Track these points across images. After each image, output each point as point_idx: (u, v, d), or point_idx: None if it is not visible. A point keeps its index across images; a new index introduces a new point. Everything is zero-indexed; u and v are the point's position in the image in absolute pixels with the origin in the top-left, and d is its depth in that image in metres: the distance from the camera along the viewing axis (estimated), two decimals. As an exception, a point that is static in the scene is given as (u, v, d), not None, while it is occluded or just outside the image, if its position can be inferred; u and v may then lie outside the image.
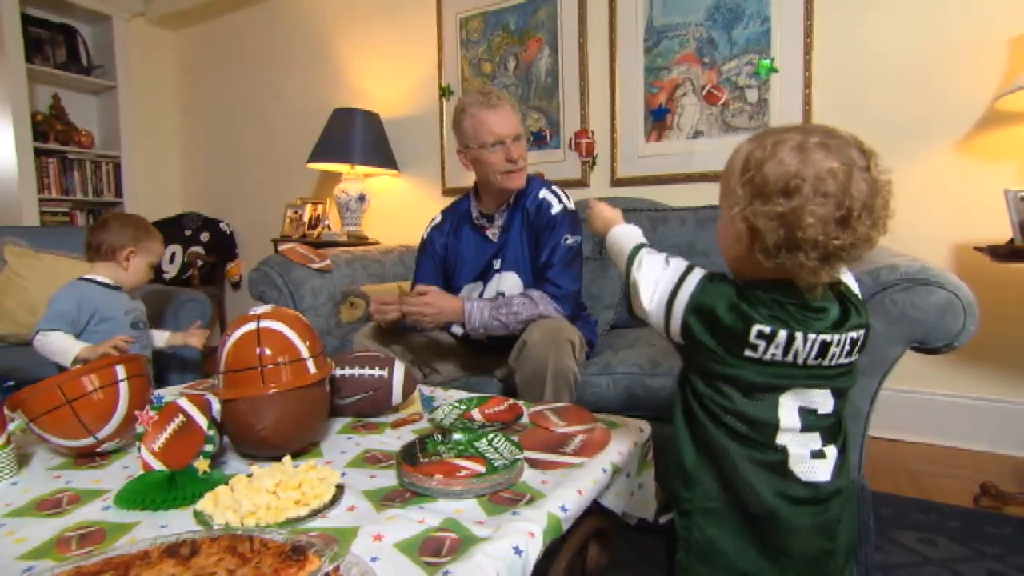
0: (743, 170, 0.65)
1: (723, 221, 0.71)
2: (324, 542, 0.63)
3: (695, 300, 0.68)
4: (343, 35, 3.19)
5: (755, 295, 0.66)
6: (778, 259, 0.63)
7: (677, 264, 0.72)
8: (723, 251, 0.73)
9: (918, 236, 1.92)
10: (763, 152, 0.63)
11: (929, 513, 1.50)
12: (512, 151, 1.48)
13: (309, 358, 0.92)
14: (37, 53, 3.34)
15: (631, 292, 0.76)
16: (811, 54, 2.07)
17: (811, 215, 0.60)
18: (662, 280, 0.71)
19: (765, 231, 0.62)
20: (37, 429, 0.93)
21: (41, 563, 0.64)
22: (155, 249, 1.63)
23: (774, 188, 0.62)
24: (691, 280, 0.69)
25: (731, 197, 0.66)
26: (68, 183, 3.46)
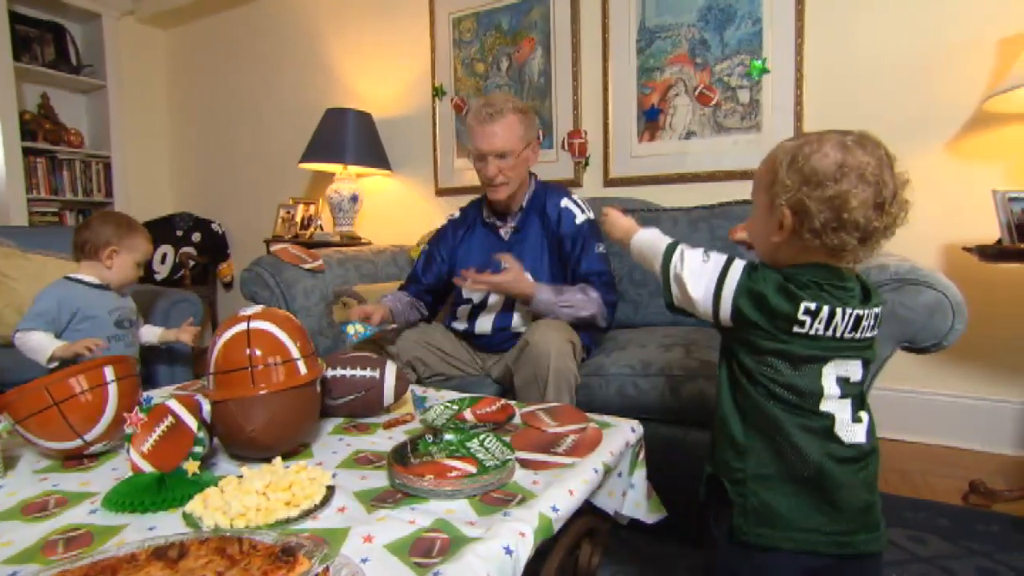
0: (791, 162, 0.72)
1: (759, 215, 0.79)
2: (314, 543, 0.62)
3: (744, 286, 0.74)
4: (335, 34, 3.18)
5: (798, 278, 0.72)
6: (824, 239, 0.71)
7: (717, 257, 0.78)
8: (760, 242, 0.80)
9: (908, 236, 1.90)
10: (810, 147, 0.72)
11: (919, 511, 1.51)
12: (487, 168, 1.53)
13: (300, 359, 0.91)
14: (25, 51, 3.31)
15: (672, 286, 0.81)
16: (802, 55, 2.08)
17: (855, 198, 0.69)
18: (707, 271, 0.77)
19: (815, 212, 0.70)
20: (24, 431, 0.92)
21: (26, 567, 0.63)
22: (140, 247, 1.61)
23: (823, 176, 0.70)
24: (735, 269, 0.75)
25: (777, 187, 0.73)
26: (57, 183, 3.43)
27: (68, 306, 1.49)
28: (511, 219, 1.65)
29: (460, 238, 1.73)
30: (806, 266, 0.74)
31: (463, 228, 1.74)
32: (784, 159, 0.74)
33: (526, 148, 1.57)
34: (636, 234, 0.92)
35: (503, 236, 1.66)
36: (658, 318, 1.92)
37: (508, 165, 1.54)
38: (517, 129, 1.52)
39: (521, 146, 1.55)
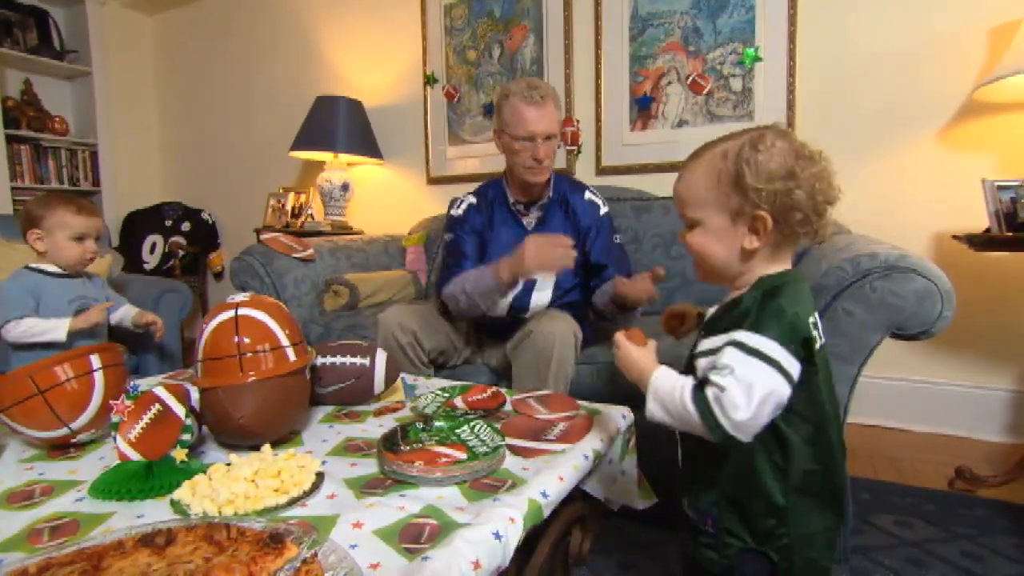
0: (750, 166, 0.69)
1: (714, 231, 0.73)
2: (303, 530, 0.62)
3: (794, 339, 0.66)
4: (326, 21, 3.14)
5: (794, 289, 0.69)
6: (804, 228, 0.70)
7: (743, 361, 0.64)
8: (720, 259, 0.73)
9: (898, 224, 1.94)
10: (756, 146, 0.69)
11: (906, 497, 1.52)
12: (540, 150, 1.52)
13: (288, 346, 0.91)
14: (6, 36, 3.24)
15: (732, 432, 0.64)
16: (795, 43, 2.07)
17: (826, 175, 0.70)
18: (763, 381, 0.64)
19: (800, 204, 0.68)
20: (8, 420, 0.91)
21: (11, 555, 0.63)
22: (67, 221, 1.49)
23: (791, 166, 0.68)
24: (772, 347, 0.65)
25: (744, 195, 0.69)
26: (42, 171, 3.38)
27: (32, 295, 1.47)
28: (536, 208, 1.64)
29: (486, 225, 1.65)
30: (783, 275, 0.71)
31: (485, 214, 1.65)
32: (735, 167, 0.69)
33: (559, 133, 1.61)
34: (652, 377, 0.72)
35: (526, 225, 1.63)
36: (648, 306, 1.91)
37: (552, 148, 1.56)
38: (556, 114, 1.56)
39: (559, 131, 1.59)
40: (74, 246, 1.51)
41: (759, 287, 0.71)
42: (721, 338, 0.69)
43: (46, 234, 1.49)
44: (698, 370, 0.71)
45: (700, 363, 0.71)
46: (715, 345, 0.69)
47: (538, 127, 1.50)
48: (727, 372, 0.64)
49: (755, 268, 0.73)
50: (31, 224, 1.48)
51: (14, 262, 1.98)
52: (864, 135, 2.01)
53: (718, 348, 0.68)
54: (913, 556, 1.25)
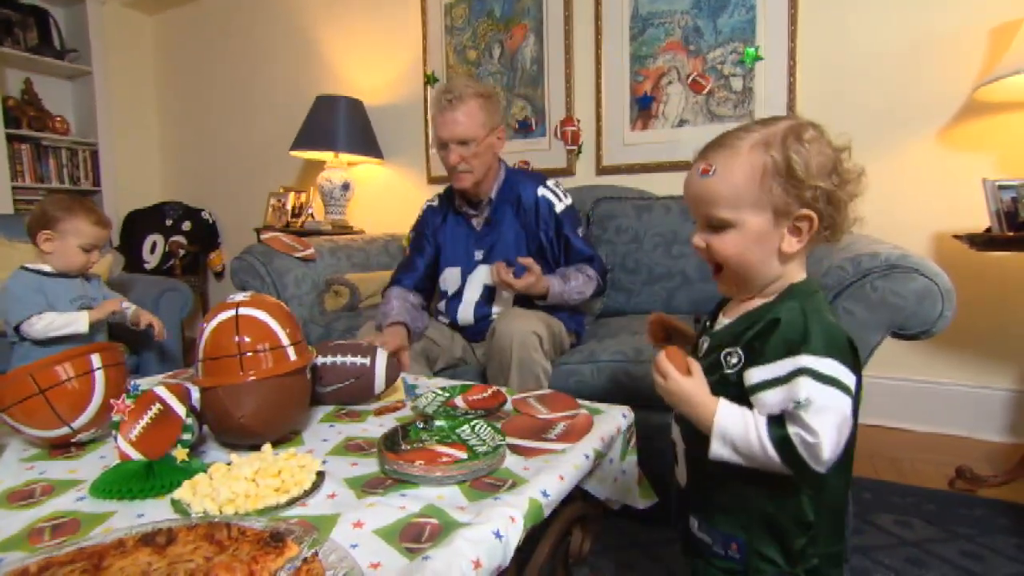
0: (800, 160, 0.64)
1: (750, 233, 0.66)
2: (303, 529, 0.62)
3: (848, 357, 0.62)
4: (326, 20, 3.14)
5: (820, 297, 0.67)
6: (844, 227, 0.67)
7: (817, 391, 0.59)
8: (754, 262, 0.67)
9: (899, 224, 1.94)
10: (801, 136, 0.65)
11: (906, 496, 1.52)
12: (449, 155, 1.49)
13: (289, 345, 0.90)
14: (7, 35, 3.24)
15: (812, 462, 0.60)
16: (796, 42, 2.08)
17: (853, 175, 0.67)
18: (837, 402, 0.60)
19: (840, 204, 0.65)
20: (9, 419, 0.91)
21: (12, 554, 0.62)
22: (82, 230, 1.50)
23: (831, 166, 0.65)
24: (833, 368, 0.60)
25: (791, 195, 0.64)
26: (43, 170, 3.38)
27: (40, 293, 1.47)
28: (483, 209, 1.62)
29: (439, 225, 1.70)
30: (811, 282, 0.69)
31: (440, 215, 1.70)
32: (784, 158, 0.64)
33: (490, 135, 1.51)
34: (718, 417, 0.64)
35: (475, 226, 1.64)
36: (649, 305, 1.92)
37: (470, 153, 1.48)
38: (479, 115, 1.47)
39: (484, 132, 1.49)
40: (81, 255, 1.52)
41: (795, 298, 0.65)
42: (785, 365, 0.61)
43: (57, 237, 1.49)
44: (763, 405, 0.63)
45: (766, 397, 0.62)
46: (780, 373, 0.62)
47: (446, 132, 1.47)
48: (810, 409, 0.58)
49: (788, 274, 0.68)
50: (45, 224, 1.48)
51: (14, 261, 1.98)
52: (865, 134, 2.01)
53: (785, 378, 0.61)
54: (913, 556, 1.25)
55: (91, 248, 1.53)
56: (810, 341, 0.61)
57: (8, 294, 1.45)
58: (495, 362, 1.36)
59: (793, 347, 0.62)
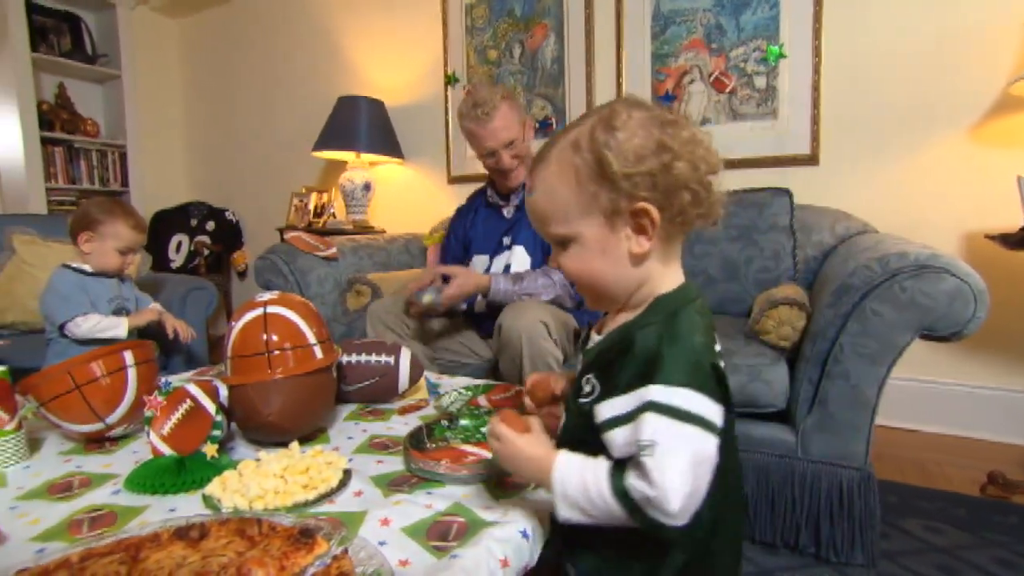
0: (613, 151, 0.55)
1: (593, 243, 0.59)
2: (332, 526, 0.63)
3: (710, 379, 0.54)
4: (348, 22, 3.17)
5: (693, 310, 0.58)
6: (701, 207, 0.57)
7: (668, 428, 0.52)
8: (608, 277, 0.60)
9: (928, 224, 1.90)
10: (612, 123, 0.56)
11: (934, 501, 1.49)
12: (503, 160, 1.60)
13: (316, 344, 0.92)
14: (42, 42, 3.33)
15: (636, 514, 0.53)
16: (820, 39, 2.04)
17: (693, 144, 0.57)
18: (688, 437, 0.52)
19: (681, 181, 0.56)
20: (47, 414, 0.93)
21: (53, 544, 0.64)
22: (121, 233, 1.54)
23: (654, 144, 0.56)
24: (690, 398, 0.53)
25: (615, 187, 0.56)
26: (75, 172, 3.47)
27: (83, 292, 1.51)
28: (514, 197, 1.72)
29: (470, 223, 1.80)
30: (680, 293, 0.60)
31: (470, 215, 1.82)
32: (594, 155, 0.56)
33: (524, 127, 1.63)
34: (554, 474, 0.58)
35: (506, 215, 1.74)
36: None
37: (517, 150, 1.60)
38: (512, 115, 1.58)
39: (521, 128, 1.61)
40: (117, 257, 1.56)
41: (657, 311, 0.58)
42: (632, 398, 0.54)
43: (97, 238, 1.53)
44: (612, 447, 0.56)
45: (614, 438, 0.55)
46: (627, 409, 0.54)
47: (492, 141, 1.57)
48: (655, 452, 0.51)
49: (652, 278, 0.60)
50: (87, 225, 1.52)
51: (48, 260, 2.04)
52: (892, 132, 1.98)
53: (632, 414, 0.54)
54: (943, 563, 1.22)
55: (127, 251, 1.58)
56: (660, 369, 0.53)
57: (54, 292, 1.49)
58: (506, 356, 1.36)
59: (645, 377, 0.54)
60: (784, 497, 1.27)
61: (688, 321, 0.56)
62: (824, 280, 1.46)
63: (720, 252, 1.83)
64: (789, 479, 1.27)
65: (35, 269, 2.03)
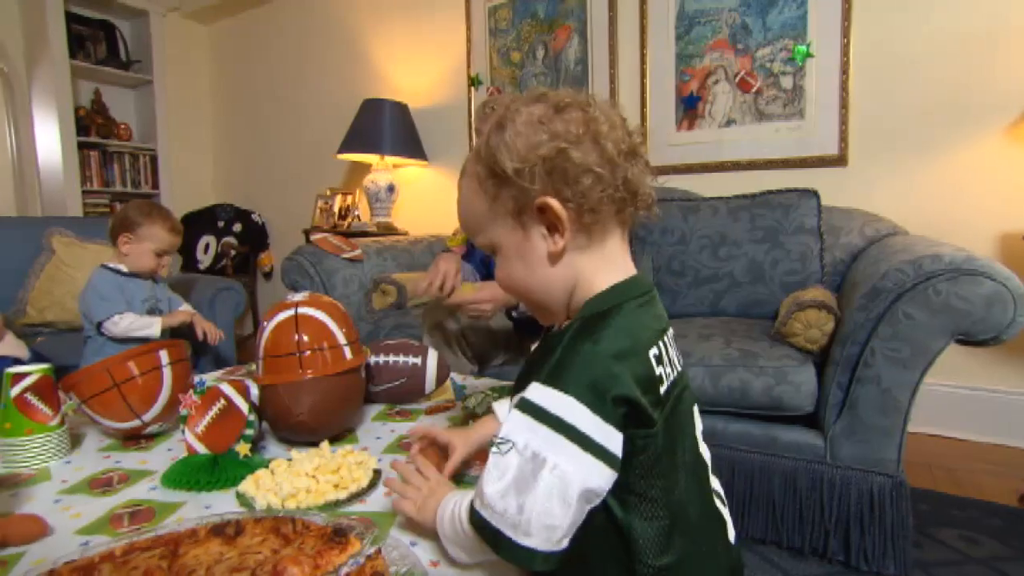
0: (500, 146, 0.52)
1: (510, 251, 0.56)
2: (364, 525, 0.64)
3: (606, 402, 0.47)
4: (373, 26, 3.21)
5: (626, 313, 0.53)
6: (612, 188, 0.52)
7: (525, 445, 0.47)
8: (543, 288, 0.56)
9: (961, 225, 1.86)
10: (502, 133, 0.53)
11: (968, 510, 1.46)
12: None
13: (345, 345, 0.93)
14: (79, 49, 3.44)
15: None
16: (849, 38, 2.01)
17: (587, 123, 0.52)
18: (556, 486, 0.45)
19: (577, 164, 0.51)
20: (88, 411, 0.96)
21: (96, 538, 0.66)
22: (157, 236, 1.59)
23: (543, 133, 0.52)
24: (572, 410, 0.46)
25: (514, 188, 0.53)
26: (109, 175, 3.58)
27: (121, 292, 1.56)
28: None
29: None
30: (614, 291, 0.54)
31: None
32: (488, 158, 0.54)
33: None
34: (438, 513, 0.58)
35: None
36: (696, 308, 1.89)
37: None
38: None
39: None
40: (153, 259, 1.61)
41: (583, 315, 0.53)
42: (514, 401, 0.51)
43: (135, 240, 1.58)
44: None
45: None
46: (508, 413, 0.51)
47: None
48: (501, 449, 0.46)
49: (583, 279, 0.55)
50: (126, 227, 1.57)
51: (84, 260, 2.10)
52: (923, 132, 1.93)
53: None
54: (980, 574, 1.19)
55: (163, 253, 1.63)
56: (544, 368, 0.48)
57: (94, 291, 1.54)
58: None
59: (530, 376, 0.50)
60: (812, 502, 1.26)
61: (609, 323, 0.51)
62: (853, 283, 1.44)
63: (745, 254, 1.81)
64: (817, 484, 1.25)
65: (72, 270, 2.09)
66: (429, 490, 0.60)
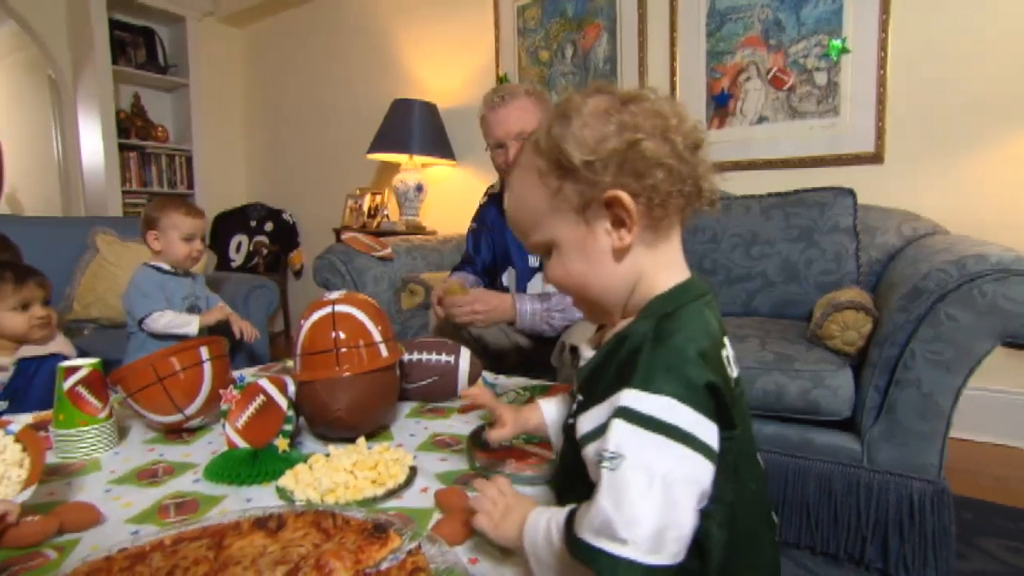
0: (578, 147, 0.50)
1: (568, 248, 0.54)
2: (403, 521, 0.65)
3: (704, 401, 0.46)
4: (402, 26, 3.24)
5: (693, 311, 0.51)
6: (683, 183, 0.51)
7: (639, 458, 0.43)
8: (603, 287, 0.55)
9: (1004, 224, 1.80)
10: (567, 124, 0.51)
11: (1016, 520, 1.41)
12: (512, 151, 1.42)
13: (381, 342, 0.95)
14: (121, 55, 3.56)
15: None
16: (887, 31, 1.96)
17: (657, 116, 0.51)
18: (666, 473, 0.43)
19: (652, 158, 0.49)
20: (133, 404, 0.99)
21: (145, 527, 0.69)
22: (177, 222, 1.61)
23: (614, 124, 0.50)
24: (682, 417, 0.44)
25: (581, 182, 0.51)
26: (147, 176, 3.69)
27: (161, 290, 1.61)
28: None
29: (497, 218, 1.64)
30: (679, 291, 0.53)
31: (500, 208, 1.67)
32: (552, 150, 0.52)
33: None
34: (524, 534, 0.53)
35: None
36: (728, 308, 1.87)
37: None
38: (533, 110, 1.41)
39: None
40: (183, 245, 1.64)
41: (649, 314, 0.51)
42: (606, 407, 0.48)
43: (161, 234, 1.63)
44: (589, 467, 0.49)
45: (587, 455, 0.49)
46: (601, 420, 0.48)
47: (500, 129, 1.41)
48: (620, 466, 0.43)
49: (645, 277, 0.53)
50: (149, 226, 1.63)
51: (126, 259, 2.17)
52: (964, 128, 1.87)
53: (604, 427, 0.46)
54: (1027, 584, 1.16)
55: (190, 237, 1.64)
56: (637, 371, 0.46)
57: (136, 288, 1.60)
58: (565, 374, 1.34)
59: (621, 380, 0.47)
60: (848, 507, 1.23)
61: (683, 322, 0.49)
62: (891, 283, 1.40)
63: (779, 253, 1.78)
64: (853, 489, 1.23)
65: (115, 267, 2.16)
66: (506, 506, 0.56)
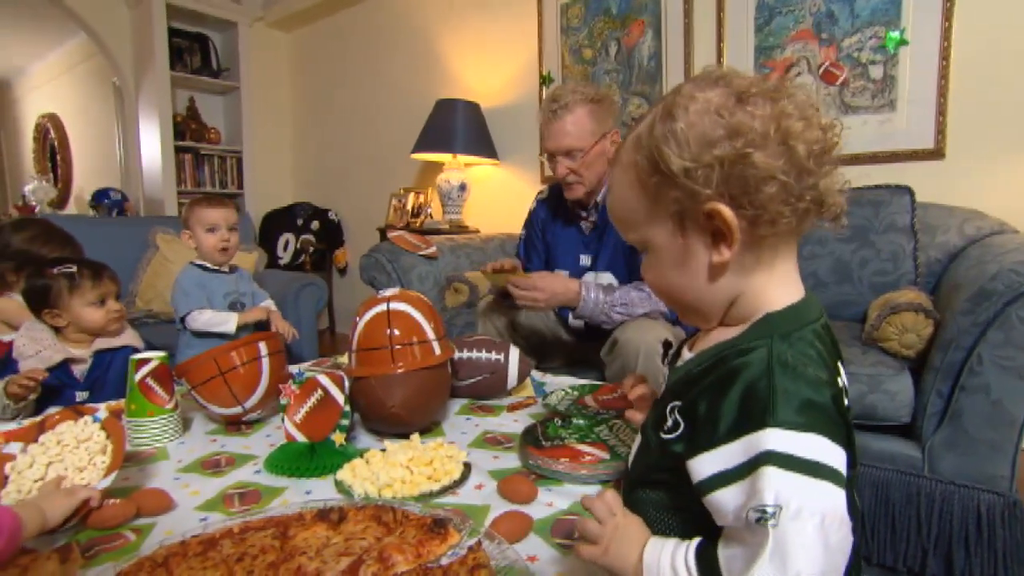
0: (679, 150, 0.45)
1: (669, 256, 0.51)
2: (460, 518, 0.66)
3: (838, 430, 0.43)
4: (445, 27, 3.27)
5: (800, 337, 0.47)
6: (801, 202, 0.45)
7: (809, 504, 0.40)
8: (695, 299, 0.51)
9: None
10: (673, 123, 0.46)
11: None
12: (559, 169, 1.45)
13: (435, 340, 0.96)
14: (178, 61, 3.71)
15: None
16: (951, 20, 1.87)
17: (781, 119, 0.45)
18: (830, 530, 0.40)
19: (761, 171, 0.44)
20: (197, 396, 1.04)
21: (212, 515, 0.72)
22: (201, 215, 1.63)
23: (724, 128, 0.45)
24: (828, 451, 0.42)
25: (679, 189, 0.46)
26: (200, 176, 3.84)
27: (202, 288, 1.66)
28: (593, 211, 1.57)
29: (549, 221, 1.68)
30: (795, 312, 0.48)
31: (551, 211, 1.69)
32: (651, 150, 0.47)
33: (600, 141, 1.43)
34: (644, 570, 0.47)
35: (584, 230, 1.61)
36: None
37: (578, 164, 1.42)
38: (587, 124, 1.41)
39: (592, 141, 1.42)
40: (209, 236, 1.63)
41: (762, 332, 0.47)
42: (740, 447, 0.43)
43: (191, 232, 1.66)
44: (720, 513, 0.44)
45: (723, 501, 0.43)
46: (736, 462, 0.43)
47: (551, 144, 1.43)
48: (777, 519, 0.39)
49: (750, 292, 0.49)
50: (185, 227, 1.69)
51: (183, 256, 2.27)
52: (1037, 126, 1.78)
53: (744, 469, 0.42)
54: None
55: (213, 227, 1.64)
56: (776, 409, 0.42)
57: (178, 287, 1.65)
58: (616, 369, 1.33)
59: (752, 418, 0.43)
60: (907, 517, 1.19)
61: (804, 348, 0.46)
62: (953, 284, 1.35)
63: (831, 253, 1.73)
64: (913, 498, 1.18)
65: (173, 265, 2.26)
66: (615, 527, 0.50)
